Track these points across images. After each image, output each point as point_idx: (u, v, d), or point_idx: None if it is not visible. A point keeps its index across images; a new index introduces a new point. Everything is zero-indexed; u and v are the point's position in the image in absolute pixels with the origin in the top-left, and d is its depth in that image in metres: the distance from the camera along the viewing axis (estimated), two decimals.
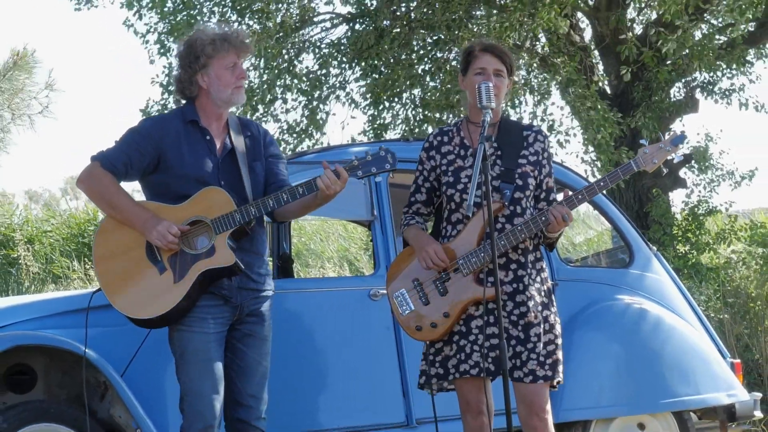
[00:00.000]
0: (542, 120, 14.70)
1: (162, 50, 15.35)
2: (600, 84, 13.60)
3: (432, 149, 5.62)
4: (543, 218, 5.36)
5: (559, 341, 5.48)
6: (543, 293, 5.48)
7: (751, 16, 12.82)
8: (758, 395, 7.66)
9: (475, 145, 5.49)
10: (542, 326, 5.40)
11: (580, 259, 9.48)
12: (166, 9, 14.94)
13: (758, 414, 7.60)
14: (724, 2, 14.19)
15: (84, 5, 16.01)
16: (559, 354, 5.46)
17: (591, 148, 13.92)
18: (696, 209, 13.78)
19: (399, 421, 6.73)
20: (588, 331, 7.08)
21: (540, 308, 5.43)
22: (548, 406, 5.45)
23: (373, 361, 6.72)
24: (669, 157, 5.55)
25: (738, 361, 7.77)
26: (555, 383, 5.47)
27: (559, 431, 6.95)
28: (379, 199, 6.89)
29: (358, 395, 6.67)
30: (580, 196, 5.42)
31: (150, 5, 15.18)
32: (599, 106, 12.64)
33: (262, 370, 5.66)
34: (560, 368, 5.45)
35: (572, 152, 25.38)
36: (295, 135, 14.84)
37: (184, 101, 5.73)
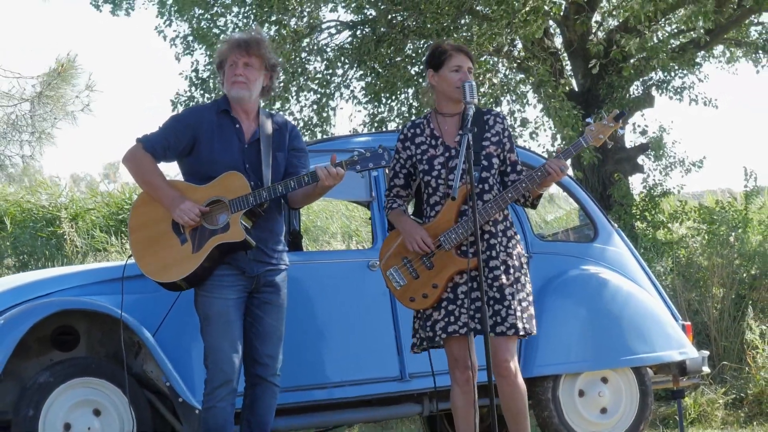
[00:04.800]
0: (516, 116, 14.71)
1: (187, 51, 15.31)
2: (567, 87, 13.59)
3: (407, 140, 5.63)
4: (539, 173, 5.38)
5: (531, 298, 5.53)
6: (514, 257, 5.50)
7: (703, 23, 12.78)
8: (706, 353, 7.66)
9: (444, 135, 5.56)
10: (515, 286, 5.43)
11: (551, 234, 9.44)
12: (193, 20, 14.91)
13: (706, 369, 7.60)
14: (681, 12, 14.18)
15: (122, 11, 15.93)
16: (531, 310, 5.51)
17: (558, 141, 13.93)
18: (652, 191, 13.77)
19: (394, 375, 6.73)
20: (558, 298, 7.09)
21: (512, 271, 5.45)
22: (514, 353, 5.47)
23: (371, 322, 6.72)
24: (613, 132, 5.55)
25: (689, 323, 7.77)
26: (532, 333, 5.52)
27: (533, 385, 6.97)
28: (376, 182, 6.88)
29: (358, 353, 6.67)
30: (539, 173, 5.41)
31: (177, 15, 15.14)
32: (565, 106, 12.67)
33: (277, 333, 5.70)
34: (535, 322, 5.53)
35: (541, 144, 25.36)
36: (307, 129, 14.83)
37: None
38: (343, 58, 14.61)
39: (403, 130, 5.68)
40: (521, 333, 5.40)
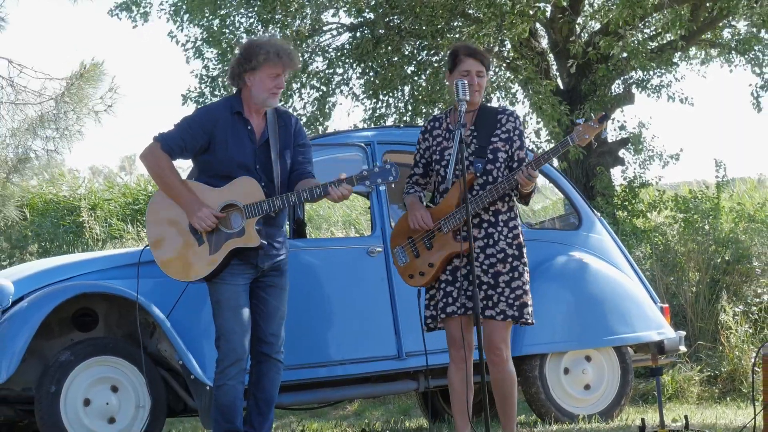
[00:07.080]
0: None
1: (197, 54, 15.26)
2: (553, 84, 13.60)
3: (427, 133, 5.67)
4: (513, 179, 5.38)
5: (527, 287, 5.47)
6: (513, 247, 5.47)
7: (679, 29, 12.84)
8: (682, 333, 7.67)
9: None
10: (510, 275, 5.41)
11: (539, 223, 9.45)
12: (203, 22, 14.87)
13: (682, 348, 7.61)
14: (656, 16, 14.19)
15: (140, 21, 15.82)
16: (525, 299, 5.45)
17: (543, 136, 13.97)
18: (632, 183, 13.77)
19: (392, 354, 6.74)
20: (545, 282, 7.08)
21: (510, 259, 5.43)
22: (508, 341, 5.47)
23: (370, 305, 6.73)
24: (598, 133, 5.54)
25: (666, 305, 7.78)
26: (528, 322, 5.48)
27: (521, 363, 6.97)
28: None
29: (358, 333, 6.68)
30: (531, 165, 5.41)
31: (189, 19, 15.09)
32: (551, 101, 12.70)
33: (280, 314, 5.70)
34: (527, 310, 5.46)
35: (528, 137, 25.31)
36: (309, 124, 14.82)
37: (234, 90, 5.72)
38: (343, 58, 14.60)
39: (425, 124, 5.73)
40: (509, 319, 5.39)
